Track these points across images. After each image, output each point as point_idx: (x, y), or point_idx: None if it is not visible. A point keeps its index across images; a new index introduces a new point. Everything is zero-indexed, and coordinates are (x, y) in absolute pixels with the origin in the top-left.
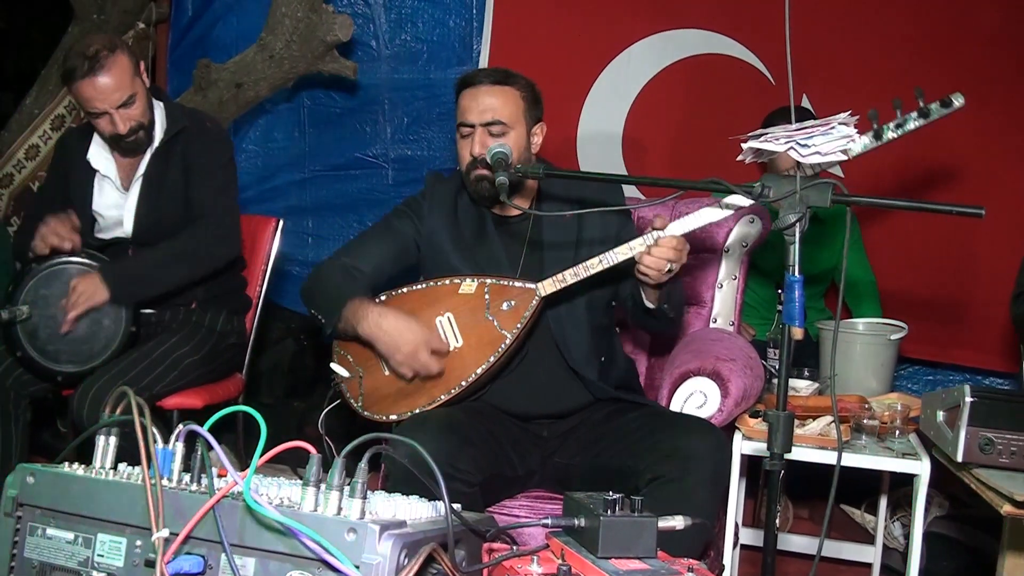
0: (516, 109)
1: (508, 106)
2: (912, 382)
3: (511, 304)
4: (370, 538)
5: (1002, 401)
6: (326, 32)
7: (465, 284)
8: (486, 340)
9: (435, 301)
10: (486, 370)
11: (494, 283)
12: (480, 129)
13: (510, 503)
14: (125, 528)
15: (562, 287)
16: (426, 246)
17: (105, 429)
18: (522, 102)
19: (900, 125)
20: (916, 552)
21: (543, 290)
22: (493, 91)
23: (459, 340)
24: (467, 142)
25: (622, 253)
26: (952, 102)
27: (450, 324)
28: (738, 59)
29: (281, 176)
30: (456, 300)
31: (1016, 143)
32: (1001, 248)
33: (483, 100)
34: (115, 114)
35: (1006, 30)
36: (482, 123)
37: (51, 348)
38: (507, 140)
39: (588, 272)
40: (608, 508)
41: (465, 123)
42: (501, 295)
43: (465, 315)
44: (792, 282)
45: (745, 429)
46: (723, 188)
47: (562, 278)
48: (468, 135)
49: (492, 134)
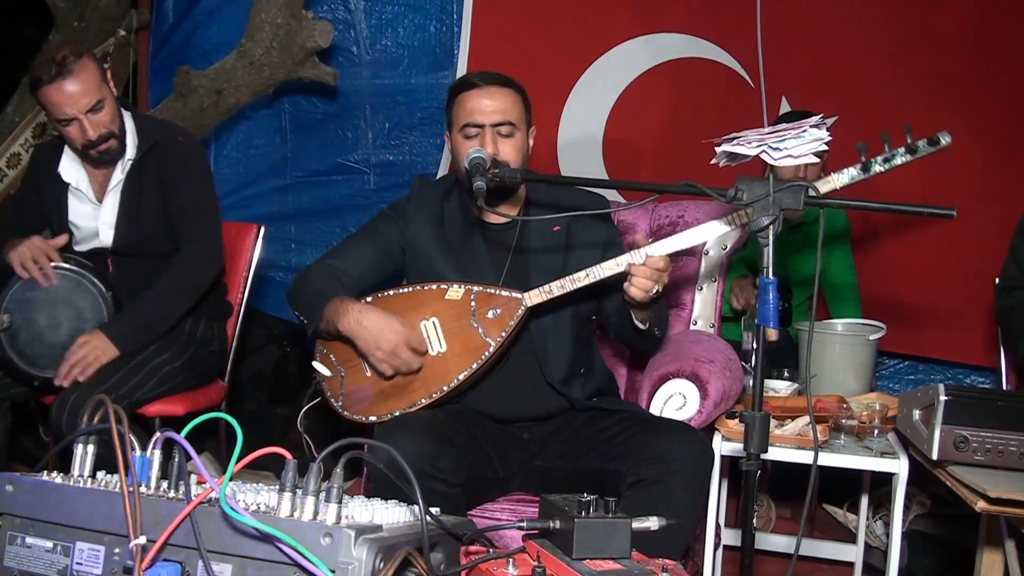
0: (521, 111)
1: (515, 107)
2: (893, 381)
3: (497, 312)
4: (345, 542)
5: (976, 399)
6: (306, 38)
7: (452, 290)
8: (470, 347)
9: (421, 305)
10: (468, 376)
11: (481, 290)
12: (490, 129)
13: (492, 506)
14: (103, 536)
15: (548, 298)
16: (411, 250)
17: (83, 437)
18: (522, 104)
19: (888, 160)
20: (895, 550)
21: (529, 300)
22: (500, 92)
23: (443, 345)
24: (472, 143)
25: (609, 268)
26: (939, 140)
27: (435, 328)
28: (718, 63)
29: (263, 182)
30: (442, 305)
31: (988, 142)
32: (978, 245)
33: (492, 101)
34: (84, 119)
35: (979, 33)
36: (492, 123)
37: (30, 351)
38: (514, 141)
39: (575, 285)
40: (582, 510)
41: (473, 123)
42: (487, 303)
43: (450, 320)
44: (766, 284)
45: (724, 430)
46: (697, 191)
47: (549, 289)
48: (475, 135)
49: (501, 135)
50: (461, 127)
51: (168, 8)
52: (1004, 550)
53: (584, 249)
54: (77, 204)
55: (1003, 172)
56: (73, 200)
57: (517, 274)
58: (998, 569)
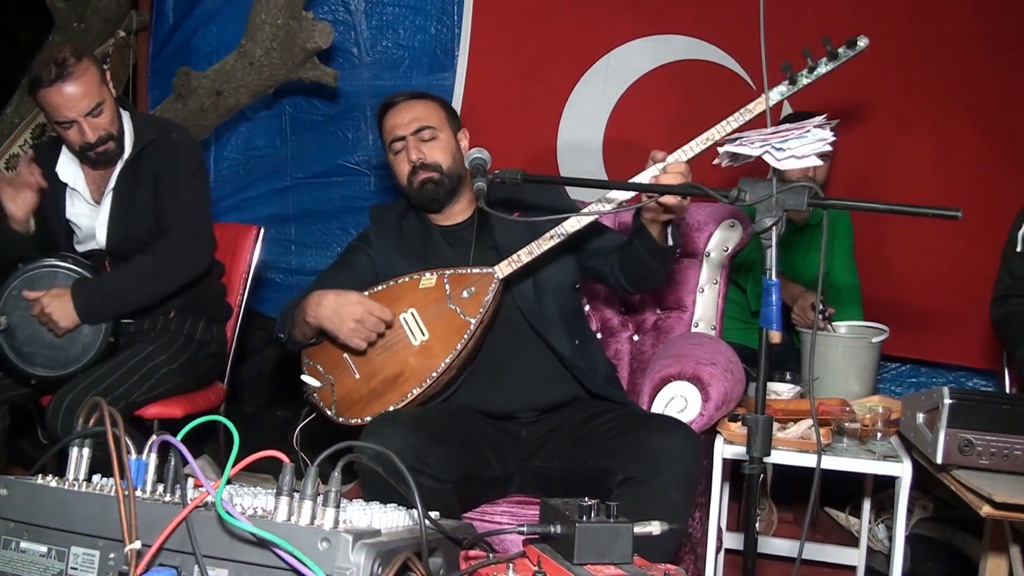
0: (439, 116)
1: (433, 113)
2: (896, 384)
3: (471, 291)
4: (343, 547)
5: (981, 403)
6: (306, 39)
7: (425, 278)
8: (451, 329)
9: (397, 299)
10: (455, 358)
11: (453, 273)
12: (412, 138)
13: (491, 508)
14: (98, 540)
15: (519, 267)
16: (380, 267)
17: (79, 440)
18: (442, 110)
19: (812, 69)
20: (899, 554)
21: (500, 272)
22: (414, 104)
23: (425, 334)
24: (402, 156)
25: (572, 224)
26: (856, 43)
27: (415, 319)
28: (719, 65)
29: (263, 184)
30: (418, 295)
31: (993, 145)
32: (982, 248)
33: (407, 113)
34: (83, 122)
35: (983, 39)
36: (412, 132)
37: (27, 350)
38: (439, 143)
39: (542, 248)
40: (584, 514)
41: (396, 138)
42: (461, 283)
43: (428, 308)
44: (769, 286)
45: (726, 433)
46: (700, 192)
47: (517, 258)
48: (401, 149)
49: (423, 139)
50: (389, 144)
51: (168, 9)
52: (1009, 555)
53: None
54: (74, 205)
55: (1008, 175)
56: (71, 200)
57: (484, 255)
58: (1003, 574)
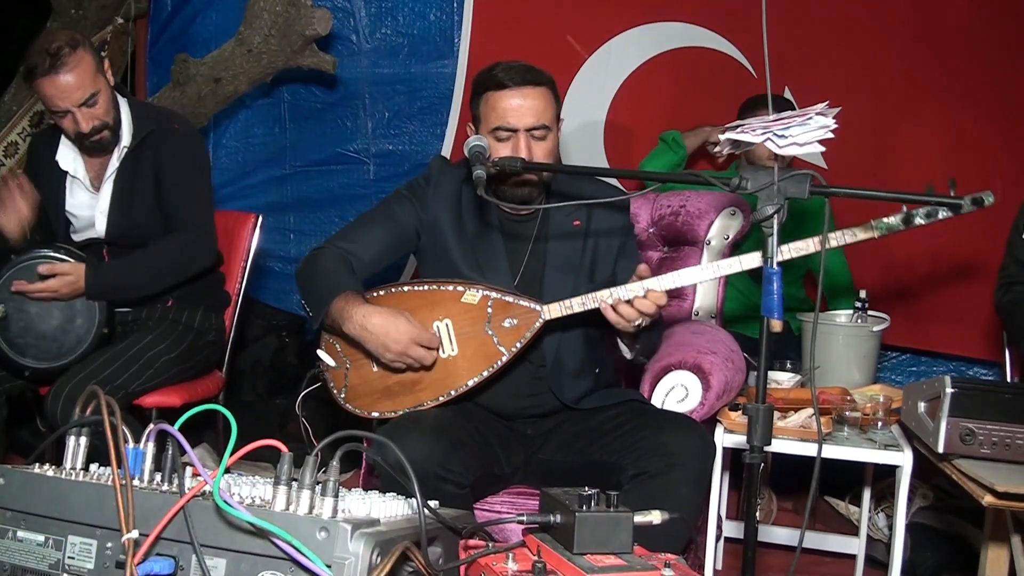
0: (553, 110)
1: (549, 107)
2: (896, 373)
3: (513, 323)
4: (342, 537)
5: (983, 392)
6: (305, 26)
7: (469, 293)
8: (482, 353)
9: (435, 304)
10: (478, 383)
11: (499, 298)
12: (524, 134)
13: (492, 499)
14: (95, 530)
15: (567, 314)
16: (427, 235)
17: (76, 429)
18: (555, 101)
19: (930, 215)
20: (899, 543)
21: (548, 314)
22: (534, 93)
23: (455, 348)
24: (504, 146)
25: (632, 291)
26: (983, 200)
27: (447, 330)
28: (720, 52)
29: (261, 172)
30: (457, 308)
31: (994, 134)
32: (983, 238)
33: (525, 102)
34: (77, 112)
35: (987, 22)
36: (526, 127)
37: (20, 341)
38: (548, 143)
39: (595, 303)
40: (583, 504)
41: (505, 127)
42: (504, 311)
43: (464, 324)
44: (770, 274)
45: (727, 422)
46: (701, 180)
47: (569, 305)
48: (507, 139)
49: (535, 138)
50: (492, 129)
51: None
52: (1010, 544)
53: (601, 238)
54: (73, 193)
55: (1010, 164)
56: (71, 189)
57: (533, 267)
58: (1004, 564)
